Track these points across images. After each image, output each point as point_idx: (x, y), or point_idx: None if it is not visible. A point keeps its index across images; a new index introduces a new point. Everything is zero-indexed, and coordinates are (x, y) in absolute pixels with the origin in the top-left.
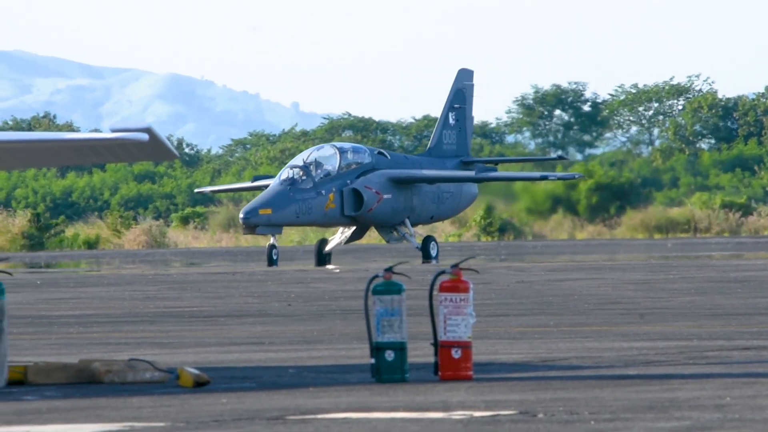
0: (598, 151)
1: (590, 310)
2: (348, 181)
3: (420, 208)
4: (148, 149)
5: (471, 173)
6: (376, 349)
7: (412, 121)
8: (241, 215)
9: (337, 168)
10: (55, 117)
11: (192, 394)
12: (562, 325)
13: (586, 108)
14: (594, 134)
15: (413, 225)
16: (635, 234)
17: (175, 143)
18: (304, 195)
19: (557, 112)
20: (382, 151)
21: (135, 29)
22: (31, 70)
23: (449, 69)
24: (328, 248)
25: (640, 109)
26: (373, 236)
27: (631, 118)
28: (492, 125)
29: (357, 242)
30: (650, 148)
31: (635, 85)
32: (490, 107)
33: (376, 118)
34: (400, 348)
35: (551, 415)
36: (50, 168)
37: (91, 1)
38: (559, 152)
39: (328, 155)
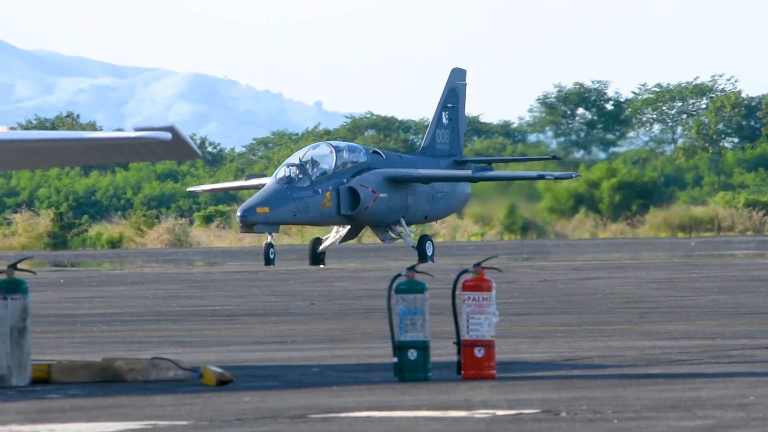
0: (621, 150)
1: (613, 309)
2: (344, 180)
3: (415, 207)
4: (171, 148)
5: (467, 172)
6: (399, 348)
7: None
8: (238, 213)
9: (333, 167)
10: (78, 116)
11: (215, 393)
12: (585, 324)
13: (609, 107)
14: (617, 133)
15: (407, 224)
16: (658, 233)
17: (198, 142)
18: (301, 193)
19: (580, 110)
20: (377, 150)
21: (158, 29)
22: (55, 70)
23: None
24: (322, 247)
25: (664, 108)
26: (367, 237)
27: (654, 116)
28: (514, 125)
29: (351, 242)
30: (673, 146)
31: (659, 85)
32: (513, 106)
33: (399, 117)
34: (422, 347)
35: (574, 414)
36: (73, 167)
37: (114, 1)
38: (554, 153)
39: (324, 154)
